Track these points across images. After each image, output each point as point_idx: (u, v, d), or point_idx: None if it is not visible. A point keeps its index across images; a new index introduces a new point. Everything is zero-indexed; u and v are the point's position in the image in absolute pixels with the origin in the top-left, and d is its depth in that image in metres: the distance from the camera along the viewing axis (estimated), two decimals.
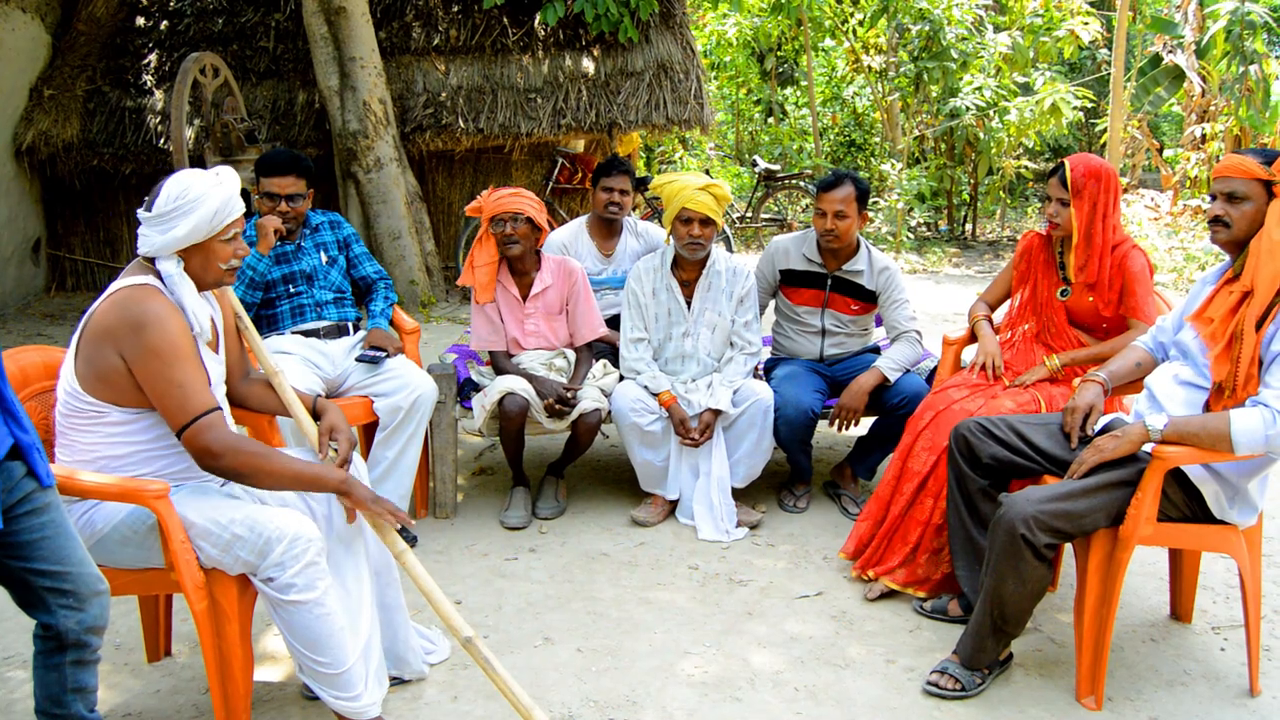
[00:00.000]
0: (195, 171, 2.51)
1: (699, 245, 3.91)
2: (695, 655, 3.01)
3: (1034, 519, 2.59)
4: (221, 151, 6.87)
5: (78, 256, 8.85)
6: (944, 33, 11.13)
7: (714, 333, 4.05)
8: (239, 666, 2.51)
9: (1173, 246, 9.87)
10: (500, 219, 3.91)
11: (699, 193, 3.82)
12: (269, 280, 3.84)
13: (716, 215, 3.87)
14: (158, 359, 2.36)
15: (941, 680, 2.77)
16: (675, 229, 3.93)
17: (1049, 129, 11.50)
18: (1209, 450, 2.57)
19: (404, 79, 8.49)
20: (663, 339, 4.08)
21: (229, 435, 2.41)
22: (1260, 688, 2.84)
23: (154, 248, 2.46)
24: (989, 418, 3.04)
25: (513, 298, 4.08)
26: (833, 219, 3.90)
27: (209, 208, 2.45)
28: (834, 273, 4.07)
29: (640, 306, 4.06)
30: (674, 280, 4.05)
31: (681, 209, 3.85)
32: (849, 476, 4.16)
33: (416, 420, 3.74)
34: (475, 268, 4.02)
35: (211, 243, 2.51)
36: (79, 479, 2.39)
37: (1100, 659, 2.72)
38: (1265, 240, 2.63)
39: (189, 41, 8.59)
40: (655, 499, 4.03)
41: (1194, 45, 11.91)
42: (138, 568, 2.51)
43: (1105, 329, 3.45)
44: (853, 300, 4.09)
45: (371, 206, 8.10)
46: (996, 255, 11.44)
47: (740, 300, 4.04)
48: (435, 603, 2.51)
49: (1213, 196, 2.77)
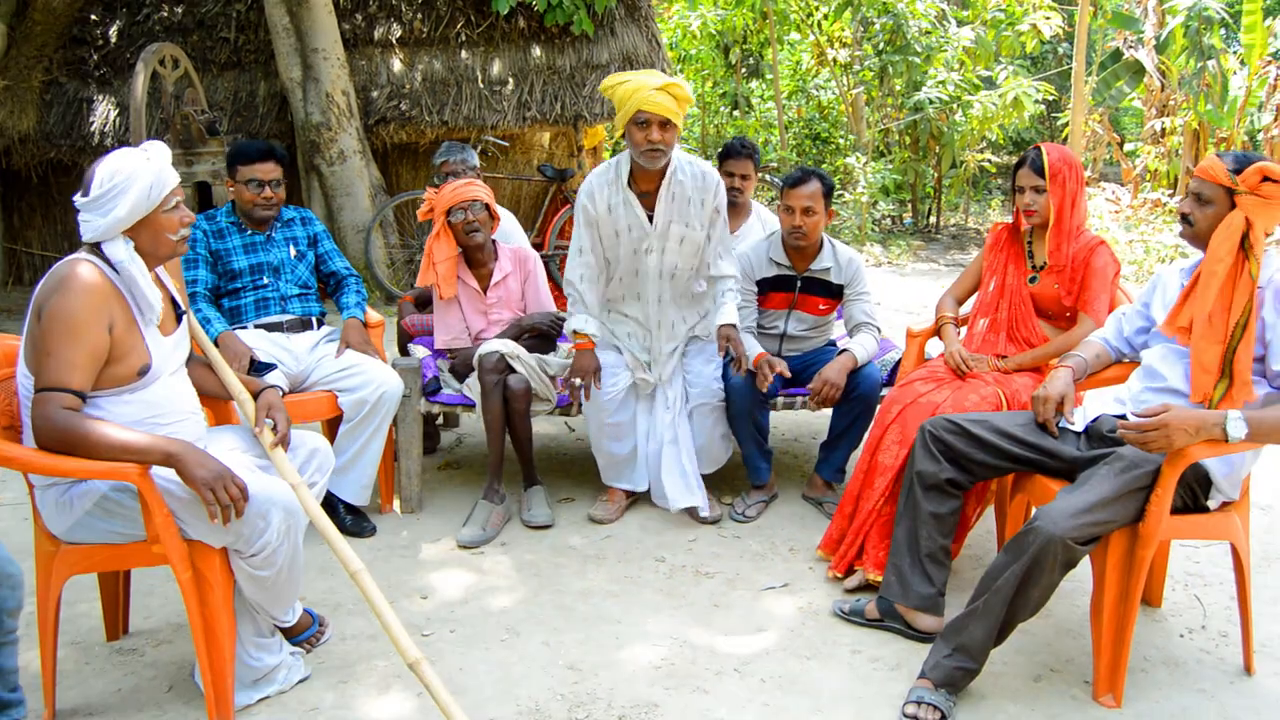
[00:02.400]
0: (123, 151, 2.52)
1: (659, 152, 3.58)
2: (662, 647, 3.02)
3: (1073, 532, 2.53)
4: (182, 144, 6.77)
5: (35, 250, 8.72)
6: (908, 27, 11.20)
7: (682, 246, 3.77)
8: (224, 633, 2.57)
9: (1133, 239, 9.98)
10: (460, 208, 3.93)
11: (656, 93, 3.50)
12: (234, 270, 3.80)
13: (676, 117, 3.56)
14: (49, 321, 2.40)
15: (920, 712, 2.61)
16: (631, 134, 3.59)
17: (1011, 122, 11.61)
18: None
19: (367, 71, 8.42)
20: (622, 257, 3.80)
21: (54, 413, 2.37)
22: (1255, 667, 2.87)
23: (99, 232, 2.48)
24: (962, 415, 3.05)
25: (473, 290, 4.07)
26: (800, 215, 3.83)
27: (144, 182, 2.48)
28: (803, 274, 4.01)
29: (591, 224, 3.78)
30: (630, 194, 3.74)
31: (637, 111, 3.53)
32: (821, 485, 4.07)
33: (381, 415, 3.72)
34: (436, 264, 4.00)
35: (155, 215, 2.54)
36: (63, 462, 2.41)
37: (1120, 657, 2.67)
38: (1208, 252, 2.73)
39: (148, 32, 8.46)
40: (613, 494, 3.98)
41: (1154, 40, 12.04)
42: (117, 542, 2.56)
43: (1068, 317, 3.49)
44: (821, 300, 4.03)
45: (335, 199, 8.04)
46: (961, 248, 11.53)
47: (716, 211, 3.79)
48: (386, 623, 2.50)
49: (1187, 191, 2.82)
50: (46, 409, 2.37)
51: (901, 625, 3.04)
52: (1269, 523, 3.88)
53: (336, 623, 3.13)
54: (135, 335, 2.52)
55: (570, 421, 5.08)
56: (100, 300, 2.43)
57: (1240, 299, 2.68)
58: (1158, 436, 2.52)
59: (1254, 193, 2.66)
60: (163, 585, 3.32)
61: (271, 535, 2.53)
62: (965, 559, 3.53)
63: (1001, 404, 3.28)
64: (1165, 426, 2.52)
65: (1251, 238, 2.67)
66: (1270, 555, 3.61)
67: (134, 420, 2.51)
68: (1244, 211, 2.68)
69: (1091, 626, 2.73)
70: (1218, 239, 2.71)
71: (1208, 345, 2.70)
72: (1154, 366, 2.88)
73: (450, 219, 3.95)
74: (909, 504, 3.06)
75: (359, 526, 3.79)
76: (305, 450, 2.86)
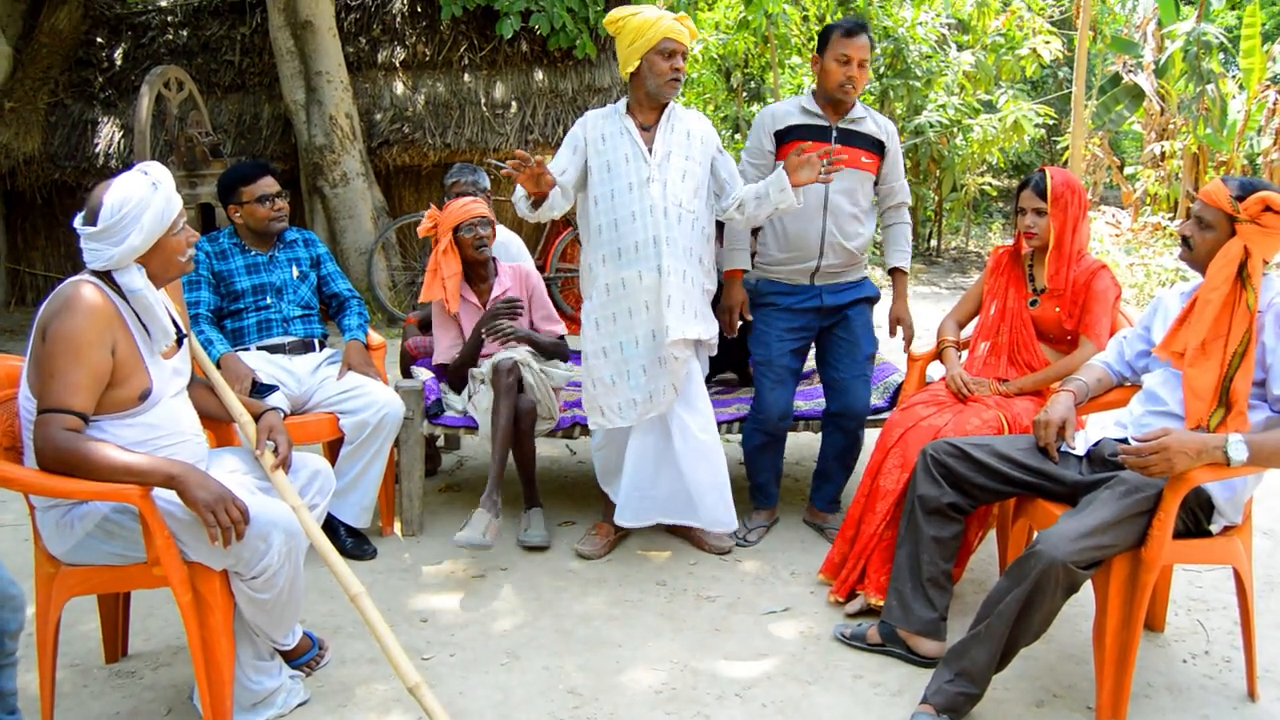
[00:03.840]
0: (128, 177, 2.52)
1: (679, 81, 3.52)
2: (663, 671, 3.01)
3: (1074, 556, 2.51)
4: (186, 165, 6.81)
5: (38, 271, 8.75)
6: (908, 51, 11.27)
7: (684, 179, 3.55)
8: (223, 656, 2.56)
9: (1134, 263, 10.00)
10: (470, 225, 4.01)
11: (677, 23, 3.47)
12: (237, 290, 3.82)
13: (689, 50, 3.56)
14: (52, 343, 2.39)
15: None
16: (653, 64, 3.47)
17: (1012, 146, 11.66)
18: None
19: (370, 94, 8.48)
20: (617, 191, 3.54)
21: (56, 434, 2.36)
22: (1259, 693, 2.85)
23: (110, 261, 2.47)
24: (963, 439, 3.04)
25: (474, 307, 4.11)
26: (856, 67, 3.63)
27: (155, 210, 2.49)
28: (838, 124, 3.76)
29: (577, 150, 3.60)
30: (629, 121, 3.59)
31: (663, 39, 3.44)
32: (819, 512, 4.02)
33: (383, 437, 3.72)
34: (445, 279, 4.03)
35: (165, 239, 2.56)
36: (64, 483, 2.40)
37: (1123, 683, 2.65)
38: (1205, 280, 2.73)
39: (153, 55, 8.54)
40: (601, 528, 3.90)
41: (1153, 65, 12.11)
42: (118, 564, 2.56)
43: (1069, 340, 3.50)
44: (864, 151, 3.76)
45: (338, 221, 8.07)
46: (962, 271, 11.55)
47: (719, 150, 3.67)
48: (385, 647, 2.50)
49: (1189, 215, 2.82)
50: (49, 430, 2.37)
51: (903, 650, 3.02)
52: (1271, 547, 3.87)
53: (336, 646, 3.12)
54: (136, 359, 2.52)
55: (571, 444, 5.08)
56: (104, 323, 2.44)
57: (1238, 328, 2.67)
58: (1159, 460, 2.52)
59: (1255, 221, 2.65)
60: (162, 607, 3.31)
61: (272, 558, 2.53)
62: (967, 583, 3.52)
63: (1003, 428, 3.28)
64: (1166, 450, 2.51)
65: (1250, 267, 2.66)
66: (1273, 580, 3.60)
67: (136, 442, 2.51)
68: (1243, 240, 2.67)
69: (1094, 651, 2.71)
70: (1215, 266, 2.71)
71: (1200, 372, 2.69)
72: (1155, 390, 2.88)
73: (460, 234, 4.03)
74: (911, 528, 3.05)
75: (360, 549, 3.78)
76: (306, 472, 2.86)
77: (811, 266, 3.81)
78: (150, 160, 2.73)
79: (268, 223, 3.83)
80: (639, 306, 3.51)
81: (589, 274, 3.64)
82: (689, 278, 3.55)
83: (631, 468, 3.65)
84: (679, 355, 3.52)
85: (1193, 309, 2.77)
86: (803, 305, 3.83)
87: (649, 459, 3.65)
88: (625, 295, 3.53)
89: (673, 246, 3.49)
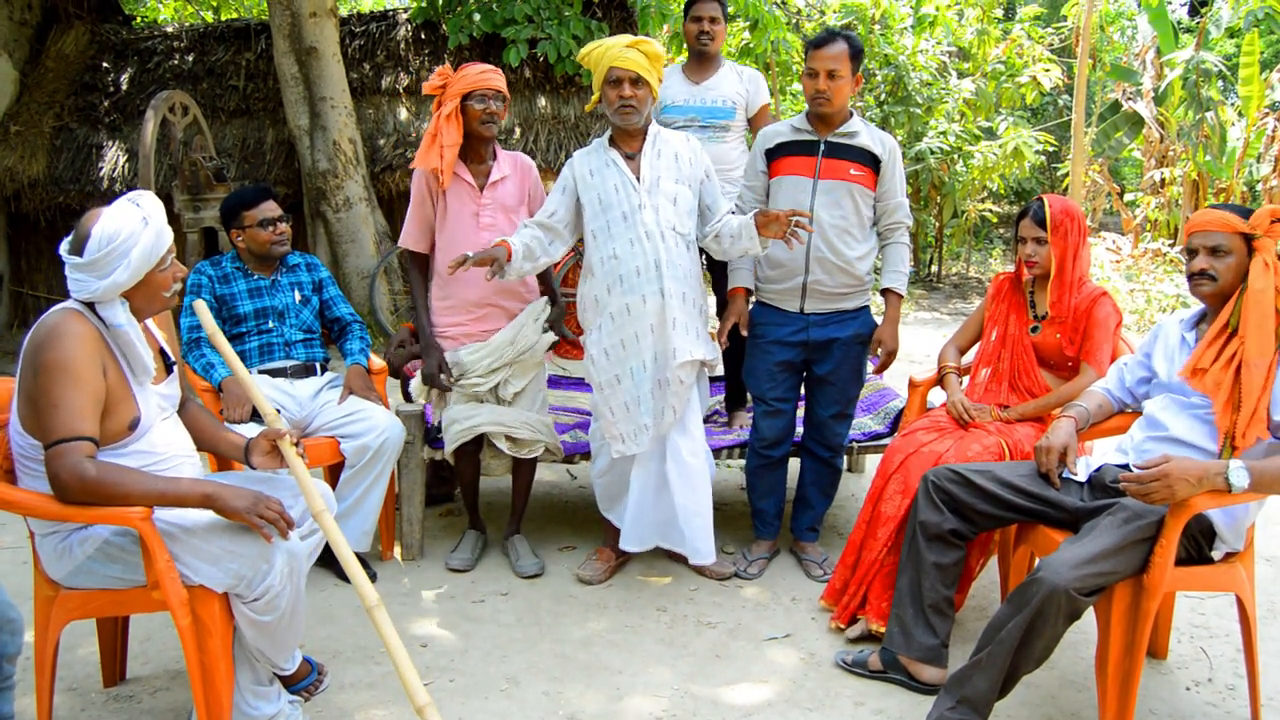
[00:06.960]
0: (118, 209, 2.46)
1: (631, 109, 3.49)
2: (663, 698, 2.99)
3: (1076, 583, 2.51)
4: (190, 190, 6.84)
5: (41, 294, 8.78)
6: (909, 78, 11.34)
7: (676, 205, 3.55)
8: (222, 680, 2.55)
9: (1134, 289, 10.02)
10: (483, 95, 3.70)
11: (627, 50, 3.45)
12: (239, 314, 3.83)
13: (649, 74, 3.48)
14: (46, 374, 2.34)
15: None
16: (605, 94, 3.53)
17: (1012, 172, 11.71)
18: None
19: (374, 119, 8.53)
20: (613, 223, 3.54)
21: (79, 464, 2.32)
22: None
23: (94, 294, 2.43)
24: (965, 465, 3.04)
25: (467, 185, 3.81)
26: (825, 79, 3.53)
27: (144, 245, 2.44)
28: (826, 138, 3.66)
29: (567, 192, 3.62)
30: (614, 153, 3.60)
31: (609, 69, 3.47)
32: (796, 540, 4.00)
33: (384, 461, 3.71)
34: (444, 147, 3.73)
35: (152, 275, 2.52)
36: (66, 507, 2.39)
37: (1126, 710, 2.62)
38: (1249, 290, 2.72)
39: (158, 79, 8.60)
40: (602, 553, 3.89)
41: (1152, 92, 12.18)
42: (117, 588, 2.55)
43: (1070, 367, 3.50)
44: (851, 164, 3.64)
45: (340, 245, 8.09)
46: (963, 297, 11.57)
47: (706, 174, 3.65)
48: (398, 664, 2.48)
49: (1191, 251, 2.82)
50: (69, 461, 2.31)
51: (904, 677, 3.01)
52: (1274, 574, 3.86)
53: (334, 671, 3.11)
54: (124, 387, 2.49)
55: (572, 469, 5.07)
56: (94, 348, 2.41)
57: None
58: (1160, 487, 2.51)
59: (1269, 234, 2.72)
60: (160, 631, 3.30)
61: (274, 579, 2.52)
62: (969, 610, 3.51)
63: (1004, 454, 3.28)
64: (1167, 477, 2.50)
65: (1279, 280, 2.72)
66: (1276, 607, 3.59)
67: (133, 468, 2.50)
68: (1262, 253, 2.72)
69: (1096, 679, 2.70)
70: (1257, 278, 2.71)
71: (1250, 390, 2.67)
72: (1156, 416, 2.88)
73: (469, 103, 3.71)
74: (912, 554, 3.04)
75: None
76: None
77: (799, 284, 3.73)
78: (154, 184, 2.72)
79: (270, 246, 3.84)
80: (644, 330, 3.50)
81: (595, 305, 3.63)
82: (689, 299, 3.56)
83: (637, 492, 3.64)
84: (685, 379, 3.53)
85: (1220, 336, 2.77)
86: (791, 339, 3.76)
87: (651, 483, 3.65)
88: (630, 321, 3.51)
89: (672, 269, 3.50)
